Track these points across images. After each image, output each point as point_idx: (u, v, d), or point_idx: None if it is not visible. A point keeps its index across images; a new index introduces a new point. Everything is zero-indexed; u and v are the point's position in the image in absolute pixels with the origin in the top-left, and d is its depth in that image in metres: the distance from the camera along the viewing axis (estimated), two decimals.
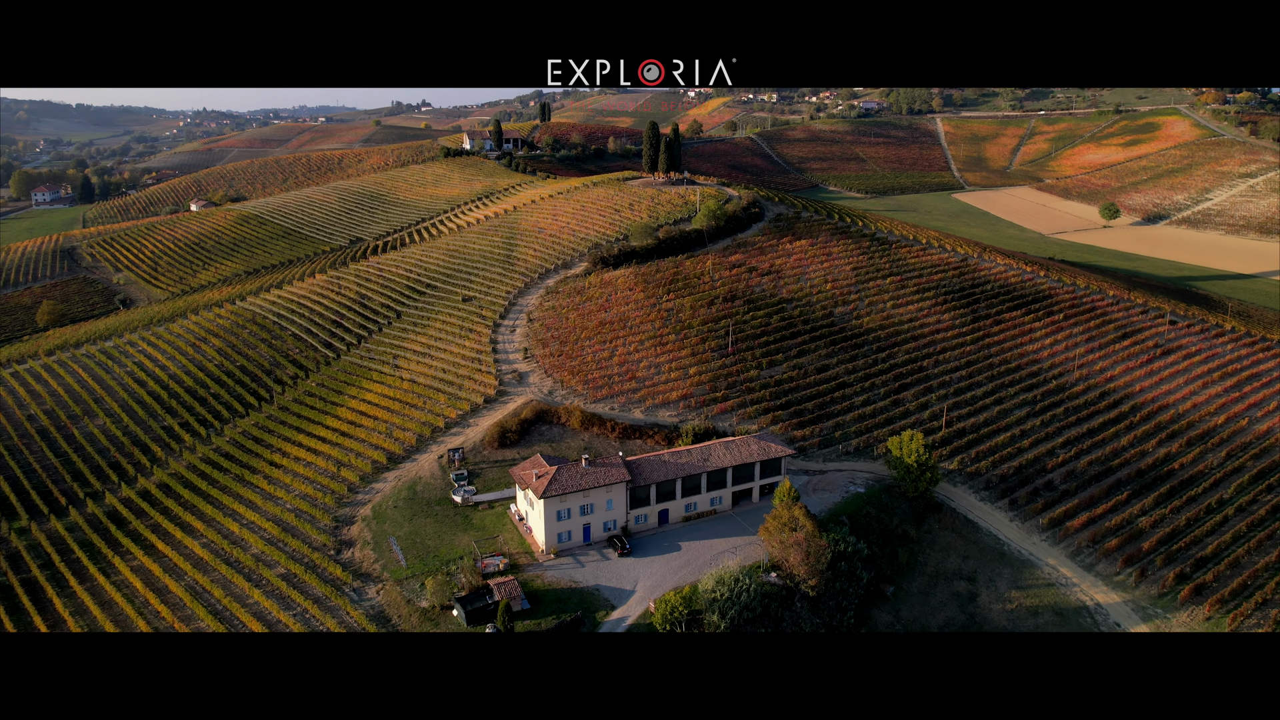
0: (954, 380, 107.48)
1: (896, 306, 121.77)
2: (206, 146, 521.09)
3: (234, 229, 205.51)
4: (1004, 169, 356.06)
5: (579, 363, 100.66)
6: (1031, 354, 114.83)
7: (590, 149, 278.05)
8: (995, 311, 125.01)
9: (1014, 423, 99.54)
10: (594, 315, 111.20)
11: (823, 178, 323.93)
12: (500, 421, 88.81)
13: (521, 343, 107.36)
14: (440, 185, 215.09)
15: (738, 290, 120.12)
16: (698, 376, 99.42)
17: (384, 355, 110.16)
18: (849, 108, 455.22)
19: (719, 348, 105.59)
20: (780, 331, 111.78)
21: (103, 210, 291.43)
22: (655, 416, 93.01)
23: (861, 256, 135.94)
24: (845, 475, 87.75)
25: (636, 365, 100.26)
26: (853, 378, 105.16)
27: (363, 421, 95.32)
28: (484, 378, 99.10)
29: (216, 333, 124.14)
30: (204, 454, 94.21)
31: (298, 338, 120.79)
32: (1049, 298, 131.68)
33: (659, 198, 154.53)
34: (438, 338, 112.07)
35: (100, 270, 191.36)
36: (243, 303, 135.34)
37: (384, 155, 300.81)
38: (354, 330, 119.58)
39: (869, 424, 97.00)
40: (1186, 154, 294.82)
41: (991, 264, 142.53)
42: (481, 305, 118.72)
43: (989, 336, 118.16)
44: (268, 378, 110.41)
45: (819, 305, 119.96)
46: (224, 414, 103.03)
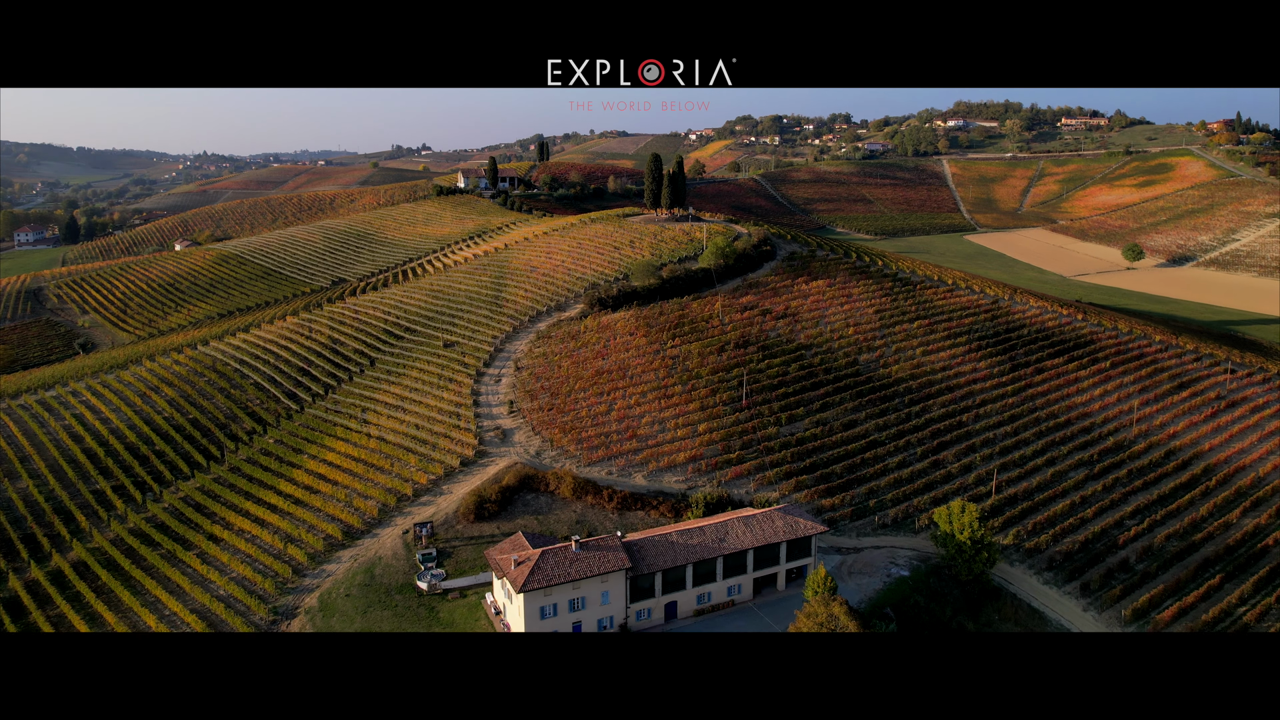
0: (998, 437, 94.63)
1: (927, 353, 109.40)
2: (201, 188, 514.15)
3: (211, 269, 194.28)
4: (1015, 210, 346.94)
5: (572, 418, 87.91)
6: (1080, 406, 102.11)
7: (590, 188, 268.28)
8: (1035, 359, 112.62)
9: (1071, 487, 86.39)
10: (590, 363, 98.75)
11: (829, 219, 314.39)
12: (478, 489, 75.68)
13: (507, 395, 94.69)
14: (431, 224, 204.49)
15: (751, 335, 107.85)
16: (708, 434, 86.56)
17: (352, 408, 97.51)
18: (853, 149, 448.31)
19: (732, 401, 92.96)
20: (800, 382, 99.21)
21: (84, 251, 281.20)
22: (660, 482, 79.96)
23: (884, 298, 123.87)
24: (884, 553, 74.43)
25: (638, 421, 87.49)
26: (884, 435, 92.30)
27: (320, 487, 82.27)
28: (462, 436, 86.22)
29: (171, 381, 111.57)
30: (135, 524, 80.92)
31: (259, 387, 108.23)
32: (1091, 343, 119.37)
33: (662, 235, 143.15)
34: (413, 388, 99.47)
35: (66, 312, 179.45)
36: (205, 348, 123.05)
37: (376, 195, 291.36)
38: (322, 379, 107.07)
39: (906, 489, 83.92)
40: (1206, 194, 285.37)
41: (1025, 306, 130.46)
42: (464, 351, 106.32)
43: (1031, 387, 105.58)
44: (221, 433, 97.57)
45: (841, 352, 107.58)
46: (166, 475, 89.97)
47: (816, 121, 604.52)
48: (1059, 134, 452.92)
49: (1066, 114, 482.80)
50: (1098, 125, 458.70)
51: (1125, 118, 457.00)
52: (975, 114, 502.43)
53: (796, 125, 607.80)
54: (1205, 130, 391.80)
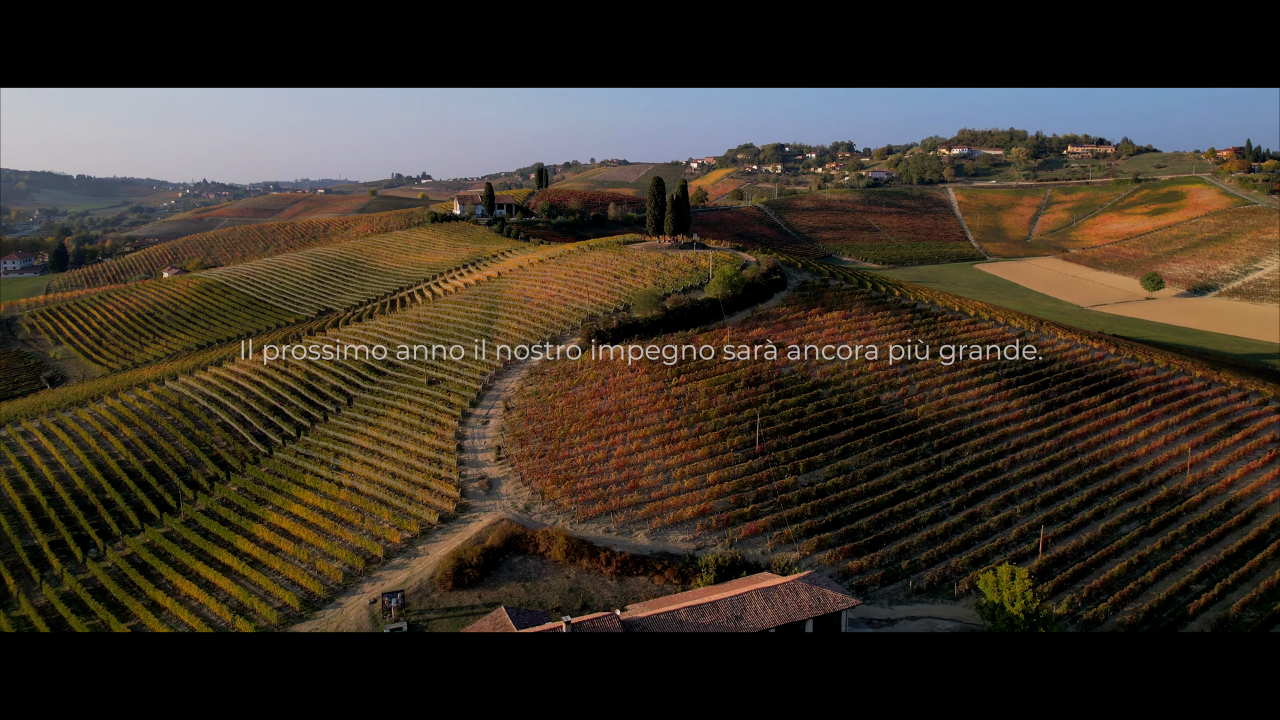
0: (1038, 486, 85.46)
1: (953, 391, 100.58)
2: (197, 215, 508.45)
3: (194, 298, 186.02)
4: (1024, 239, 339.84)
5: (566, 466, 78.77)
6: (1125, 451, 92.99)
7: (589, 215, 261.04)
8: (1070, 397, 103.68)
9: (1126, 544, 76.97)
10: (587, 403, 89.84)
11: (835, 247, 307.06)
12: (458, 551, 66.34)
13: (495, 439, 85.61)
14: (424, 252, 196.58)
15: (762, 372, 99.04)
16: (718, 485, 77.40)
17: (325, 453, 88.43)
18: (857, 177, 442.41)
19: (744, 446, 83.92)
20: (818, 424, 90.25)
21: (69, 278, 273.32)
22: (665, 541, 70.67)
23: (904, 331, 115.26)
24: (922, 624, 64.98)
25: (640, 470, 78.38)
26: (913, 485, 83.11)
27: (282, 545, 72.95)
28: (443, 487, 77.02)
29: (132, 420, 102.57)
30: (70, 587, 71.51)
31: (227, 428, 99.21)
32: (1128, 379, 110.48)
33: (665, 262, 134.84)
34: (392, 430, 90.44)
35: (39, 343, 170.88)
36: (173, 383, 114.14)
37: (371, 222, 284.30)
38: (295, 419, 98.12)
39: (942, 548, 74.53)
40: (1222, 222, 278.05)
41: (1053, 339, 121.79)
42: (449, 390, 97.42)
43: (1069, 428, 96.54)
44: (180, 479, 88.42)
45: (861, 390, 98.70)
46: (113, 529, 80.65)
47: (819, 150, 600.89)
48: (1065, 162, 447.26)
49: (1072, 141, 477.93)
50: (1104, 153, 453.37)
51: (1132, 145, 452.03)
52: (979, 142, 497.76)
53: (799, 153, 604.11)
54: (1215, 158, 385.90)
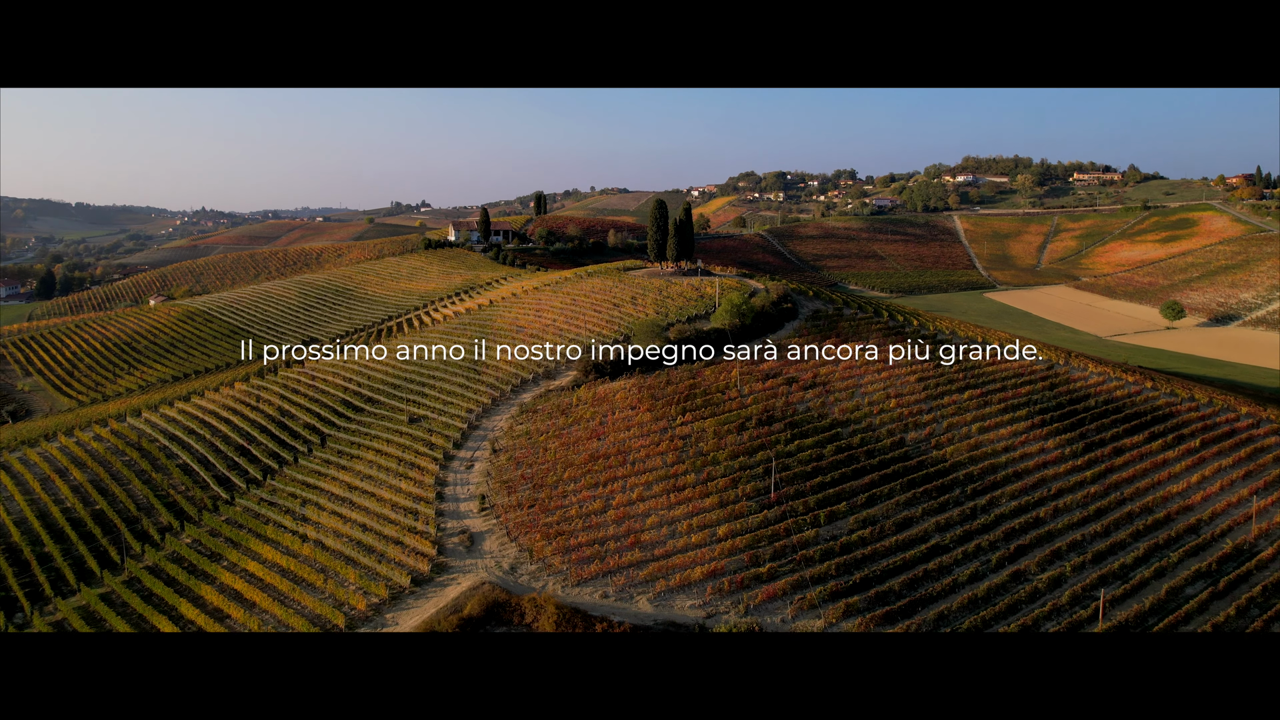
0: (1087, 539, 76.29)
1: (984, 431, 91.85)
2: (193, 243, 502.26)
3: (174, 327, 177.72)
4: (1033, 267, 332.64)
5: (558, 518, 69.70)
6: (1178, 497, 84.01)
7: (589, 242, 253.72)
8: (1110, 436, 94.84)
9: (1195, 609, 67.60)
10: (582, 445, 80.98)
11: (841, 275, 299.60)
12: (431, 622, 57.12)
13: (479, 485, 76.61)
14: (415, 279, 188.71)
15: (775, 409, 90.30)
16: (730, 540, 68.32)
17: (291, 500, 79.41)
18: (860, 204, 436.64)
19: (757, 493, 74.99)
20: (839, 468, 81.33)
21: (53, 306, 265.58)
22: (670, 608, 61.45)
23: (926, 363, 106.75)
24: None
25: (641, 522, 69.35)
26: (948, 538, 73.97)
27: (232, 610, 63.72)
28: (418, 543, 67.90)
29: (84, 461, 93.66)
30: None
31: (187, 470, 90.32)
32: (1171, 416, 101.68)
33: (668, 290, 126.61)
34: (366, 475, 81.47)
35: (8, 373, 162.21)
36: (135, 419, 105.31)
37: (365, 249, 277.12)
38: (263, 460, 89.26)
39: (986, 613, 65.19)
40: (1239, 249, 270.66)
41: (1084, 372, 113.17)
42: (432, 429, 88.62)
43: (1114, 471, 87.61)
44: (129, 530, 79.31)
45: (884, 429, 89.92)
46: (45, 590, 71.42)
47: (821, 178, 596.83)
48: (1071, 189, 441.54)
49: (1078, 169, 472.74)
50: (1111, 180, 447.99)
51: (1139, 172, 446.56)
52: (984, 169, 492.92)
53: (801, 181, 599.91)
54: (1225, 185, 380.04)
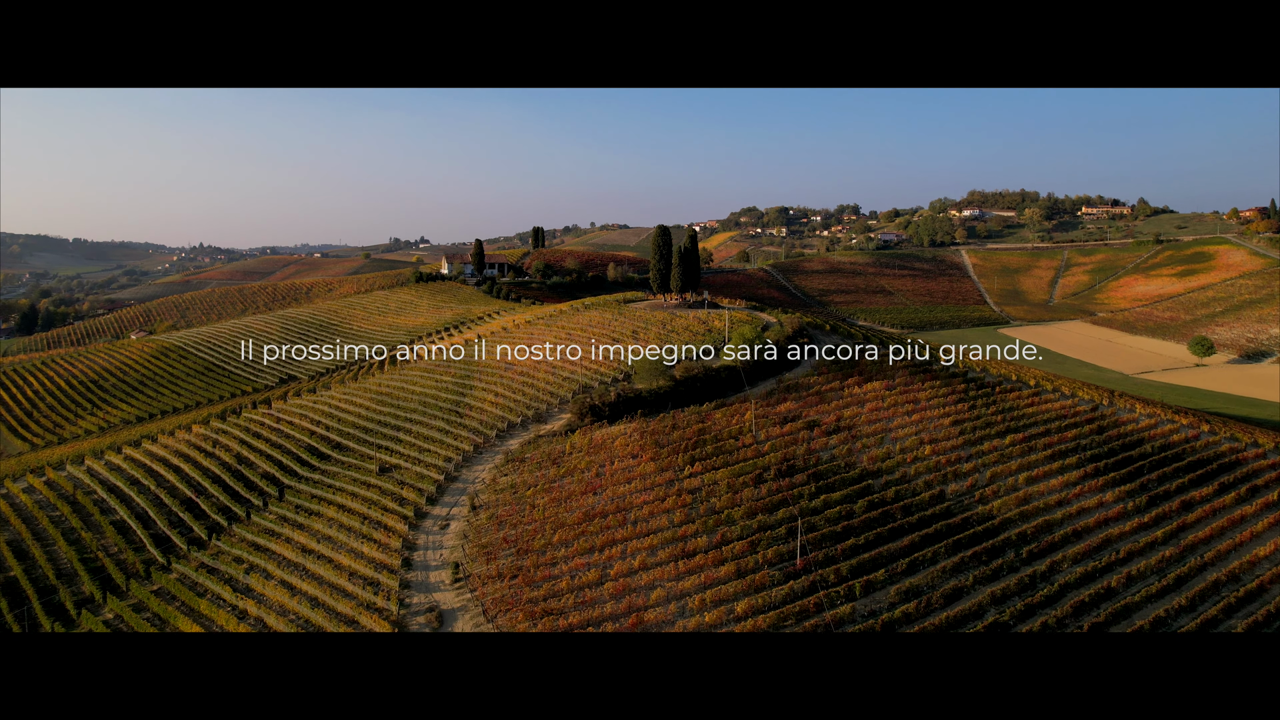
0: (1170, 615, 64.44)
1: (1031, 481, 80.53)
2: (186, 278, 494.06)
3: (146, 363, 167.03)
4: (1045, 302, 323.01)
5: (545, 593, 58.13)
6: (1266, 562, 72.37)
7: (587, 275, 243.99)
8: (1175, 487, 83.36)
9: None
10: (576, 500, 69.66)
11: (848, 311, 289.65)
12: None
13: (453, 550, 65.14)
14: (404, 313, 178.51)
15: (797, 458, 79.09)
16: (751, 618, 56.71)
17: (235, 565, 67.87)
18: (865, 239, 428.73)
19: (780, 559, 63.54)
20: (872, 526, 69.94)
21: (30, 342, 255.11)
22: None
23: (960, 404, 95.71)
24: None
25: (646, 597, 57.79)
26: (1007, 612, 62.21)
27: None
28: (374, 623, 56.25)
29: (6, 518, 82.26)
30: None
31: (123, 528, 78.87)
32: (1238, 465, 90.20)
33: (673, 323, 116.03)
34: (325, 535, 70.01)
35: None
36: (75, 468, 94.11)
37: (357, 284, 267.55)
38: (211, 516, 77.90)
39: None
40: (1262, 283, 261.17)
41: (1132, 413, 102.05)
42: (404, 480, 77.34)
43: (1186, 530, 76.03)
44: (39, 603, 67.68)
45: (921, 480, 78.60)
46: None
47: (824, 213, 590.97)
48: (1080, 223, 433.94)
49: (1086, 203, 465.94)
50: (1120, 214, 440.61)
51: (1149, 206, 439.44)
52: (990, 203, 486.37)
53: (804, 216, 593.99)
54: (1239, 218, 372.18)
